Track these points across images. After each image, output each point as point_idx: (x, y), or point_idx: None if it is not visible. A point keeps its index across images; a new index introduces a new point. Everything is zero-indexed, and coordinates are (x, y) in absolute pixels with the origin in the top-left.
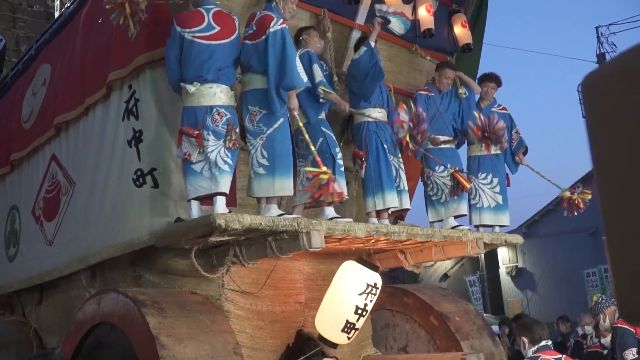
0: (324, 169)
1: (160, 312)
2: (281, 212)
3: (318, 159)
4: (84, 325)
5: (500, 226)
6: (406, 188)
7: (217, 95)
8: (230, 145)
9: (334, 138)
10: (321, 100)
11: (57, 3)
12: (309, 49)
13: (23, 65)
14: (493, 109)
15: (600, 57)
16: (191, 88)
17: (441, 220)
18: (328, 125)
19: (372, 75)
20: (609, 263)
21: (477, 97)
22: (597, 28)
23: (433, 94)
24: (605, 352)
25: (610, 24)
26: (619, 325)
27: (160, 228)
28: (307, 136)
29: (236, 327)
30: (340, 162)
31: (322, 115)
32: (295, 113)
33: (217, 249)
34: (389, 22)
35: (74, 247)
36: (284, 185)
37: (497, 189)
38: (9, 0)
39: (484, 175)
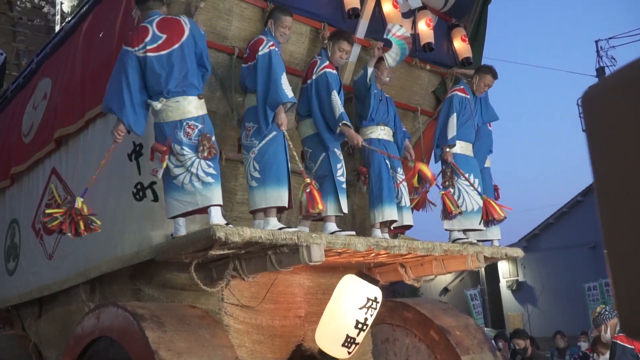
0: (307, 180)
1: (160, 326)
2: (281, 225)
3: (302, 170)
4: (83, 339)
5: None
6: (408, 204)
7: (185, 108)
8: (205, 154)
9: (338, 153)
10: (338, 132)
11: (58, 17)
12: (327, 70)
13: (23, 79)
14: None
15: (600, 70)
16: (157, 105)
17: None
18: (333, 139)
19: (370, 102)
20: (609, 277)
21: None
22: (596, 42)
23: (469, 97)
24: None
25: (609, 38)
26: (618, 341)
27: (160, 242)
28: (290, 144)
29: (236, 342)
30: (341, 178)
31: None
32: (284, 129)
33: (217, 263)
34: (390, 44)
35: (74, 260)
36: (276, 195)
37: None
38: (9, 14)
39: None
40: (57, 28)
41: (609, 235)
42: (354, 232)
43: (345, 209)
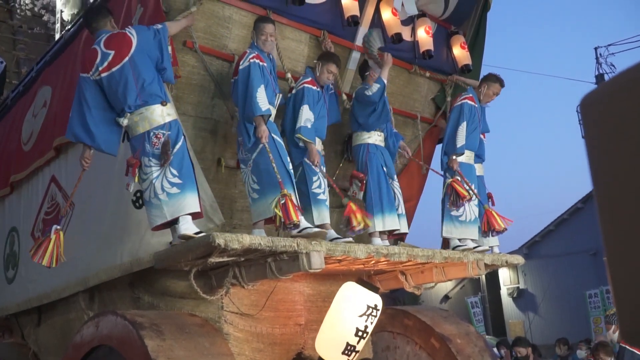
0: (284, 191)
1: (159, 334)
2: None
3: (279, 181)
4: (82, 348)
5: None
6: (404, 212)
7: (150, 118)
8: (162, 162)
9: (313, 167)
10: (300, 144)
11: (58, 25)
12: (306, 85)
13: (23, 87)
14: None
15: (599, 77)
16: (124, 121)
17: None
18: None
19: (379, 114)
20: (609, 283)
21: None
22: (596, 49)
23: (477, 106)
24: None
25: (609, 45)
26: (627, 347)
27: (159, 249)
28: (272, 157)
29: (235, 350)
30: (317, 190)
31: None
32: (264, 142)
33: (217, 271)
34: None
35: (73, 269)
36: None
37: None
38: (9, 22)
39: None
40: (57, 36)
41: (609, 241)
42: (352, 240)
43: (319, 221)
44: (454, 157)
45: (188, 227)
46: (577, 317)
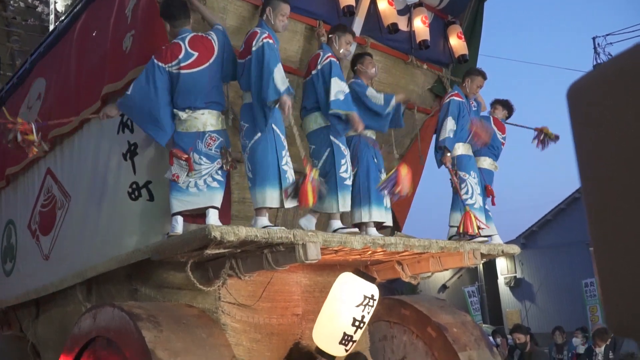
0: (307, 169)
1: (156, 326)
2: (268, 224)
3: (304, 160)
4: (79, 340)
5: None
6: (389, 206)
7: (208, 121)
8: (228, 167)
9: (342, 149)
10: (343, 118)
11: (52, 17)
12: (331, 58)
13: (18, 79)
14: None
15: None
16: (183, 115)
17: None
18: (341, 128)
19: (379, 121)
20: (596, 274)
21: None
22: (594, 39)
23: (464, 100)
24: None
25: (607, 35)
26: None
27: (156, 241)
28: (297, 134)
29: (233, 340)
30: (344, 175)
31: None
32: (288, 112)
33: (213, 262)
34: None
35: (70, 261)
36: (267, 196)
37: (479, 190)
38: (3, 14)
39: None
40: (51, 28)
41: (595, 232)
42: (357, 230)
43: (344, 207)
44: (447, 153)
45: (216, 219)
46: (573, 305)
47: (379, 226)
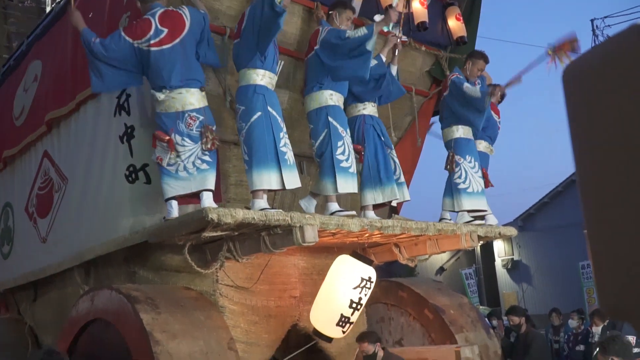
0: None
1: (154, 308)
2: (266, 206)
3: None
4: (78, 322)
5: (482, 211)
6: (403, 180)
7: (187, 100)
8: (209, 146)
9: (340, 130)
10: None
11: None
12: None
13: (14, 61)
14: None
15: (623, 30)
16: (160, 96)
17: (455, 212)
18: (338, 114)
19: (378, 86)
20: (590, 258)
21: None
22: (592, 21)
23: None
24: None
25: (605, 17)
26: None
27: (154, 224)
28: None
29: (231, 322)
30: (341, 157)
31: (334, 102)
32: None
33: (211, 245)
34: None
35: (68, 244)
36: (263, 178)
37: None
38: None
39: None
40: (48, 9)
41: (589, 215)
42: (354, 212)
43: (342, 190)
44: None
45: (211, 202)
46: (570, 287)
47: (390, 202)
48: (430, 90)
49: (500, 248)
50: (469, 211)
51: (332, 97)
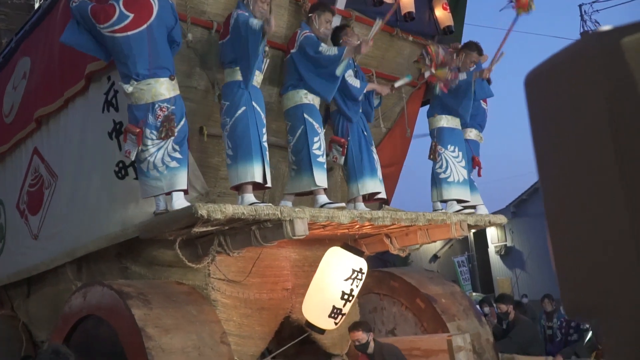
0: None
1: (146, 303)
2: (255, 200)
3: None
4: (71, 318)
5: (464, 201)
6: (381, 178)
7: (157, 90)
8: (163, 135)
9: (316, 127)
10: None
11: None
12: (308, 34)
13: (3, 58)
14: None
15: (584, 35)
16: (128, 88)
17: (445, 202)
18: (313, 112)
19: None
20: (552, 260)
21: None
22: (580, 6)
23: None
24: None
25: (593, 2)
26: None
27: (145, 219)
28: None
29: (223, 316)
30: (317, 152)
31: (309, 100)
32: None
33: (202, 239)
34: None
35: (59, 240)
36: (247, 172)
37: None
38: None
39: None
40: (37, 6)
41: (551, 217)
42: (344, 204)
43: (320, 183)
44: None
45: (181, 202)
46: None
47: (373, 197)
48: (418, 81)
49: (493, 235)
50: (458, 201)
51: (306, 96)
